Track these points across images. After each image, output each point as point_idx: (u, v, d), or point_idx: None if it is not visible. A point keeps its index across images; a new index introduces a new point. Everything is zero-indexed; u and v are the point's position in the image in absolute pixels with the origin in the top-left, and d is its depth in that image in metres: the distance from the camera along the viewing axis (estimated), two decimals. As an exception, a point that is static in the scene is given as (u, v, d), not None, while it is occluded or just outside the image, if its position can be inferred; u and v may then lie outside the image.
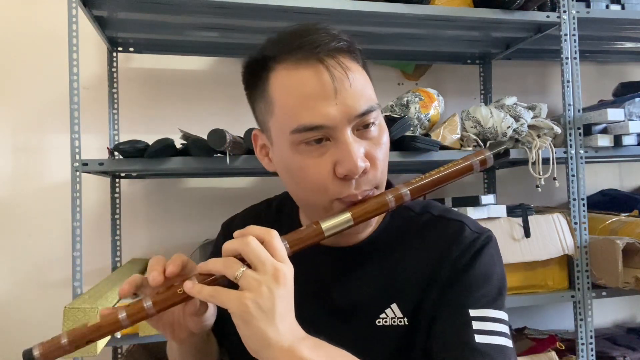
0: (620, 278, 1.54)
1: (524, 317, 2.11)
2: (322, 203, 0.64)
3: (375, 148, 0.64)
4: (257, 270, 0.55)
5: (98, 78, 1.84)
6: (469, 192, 2.06)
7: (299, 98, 0.61)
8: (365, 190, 0.63)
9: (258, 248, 0.56)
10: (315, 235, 0.62)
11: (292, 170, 0.65)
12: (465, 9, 1.62)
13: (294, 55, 0.61)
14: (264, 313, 0.53)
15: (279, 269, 0.55)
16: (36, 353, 0.57)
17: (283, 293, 0.55)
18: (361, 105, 0.61)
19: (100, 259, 1.79)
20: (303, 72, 0.61)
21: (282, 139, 0.64)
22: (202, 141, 1.37)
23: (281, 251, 0.57)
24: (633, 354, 1.82)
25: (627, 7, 1.76)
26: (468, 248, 0.67)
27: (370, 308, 0.68)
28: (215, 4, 1.44)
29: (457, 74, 2.20)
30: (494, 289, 0.66)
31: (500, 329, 0.63)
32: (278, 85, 0.63)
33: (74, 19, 1.34)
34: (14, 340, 1.75)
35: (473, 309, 0.64)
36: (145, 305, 0.58)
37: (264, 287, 0.54)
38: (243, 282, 0.54)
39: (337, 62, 0.61)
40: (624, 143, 1.69)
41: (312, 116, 0.60)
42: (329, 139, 0.62)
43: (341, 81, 0.61)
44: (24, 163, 1.80)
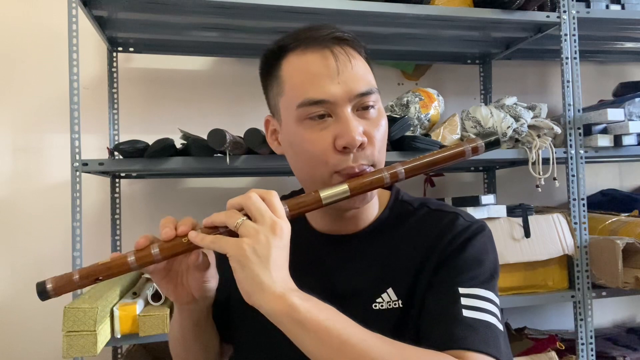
0: (620, 278, 1.54)
1: (524, 317, 2.11)
2: (322, 176, 0.68)
3: (373, 128, 0.69)
4: (257, 221, 0.59)
5: (98, 78, 1.84)
6: (469, 192, 2.06)
7: (306, 76, 0.67)
8: (362, 164, 0.67)
9: (259, 202, 0.60)
10: (314, 202, 0.66)
11: (297, 144, 0.69)
12: (465, 9, 1.62)
13: (304, 43, 0.69)
14: (260, 258, 0.57)
15: (276, 222, 0.59)
16: (49, 286, 0.62)
17: (279, 244, 0.59)
18: (361, 87, 0.67)
19: (100, 259, 1.78)
20: (311, 56, 0.68)
21: (290, 114, 0.69)
22: (202, 141, 1.37)
23: (280, 209, 0.62)
24: (633, 354, 1.82)
25: (627, 7, 1.76)
26: (460, 233, 0.70)
27: (368, 293, 0.71)
28: (215, 4, 1.44)
29: (457, 74, 2.20)
30: (485, 272, 0.68)
31: (489, 307, 0.65)
32: (289, 68, 0.69)
33: (74, 19, 1.34)
34: (14, 340, 1.75)
35: (463, 287, 0.66)
36: (153, 251, 0.63)
37: (261, 235, 0.58)
38: (242, 230, 0.59)
39: (342, 48, 0.68)
40: (624, 143, 1.69)
41: (316, 92, 0.66)
42: (330, 116, 0.67)
43: (344, 64, 0.67)
44: (24, 163, 1.80)
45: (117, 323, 1.32)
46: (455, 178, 2.19)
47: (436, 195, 2.09)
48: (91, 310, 1.20)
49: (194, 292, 0.70)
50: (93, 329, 1.19)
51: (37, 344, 1.74)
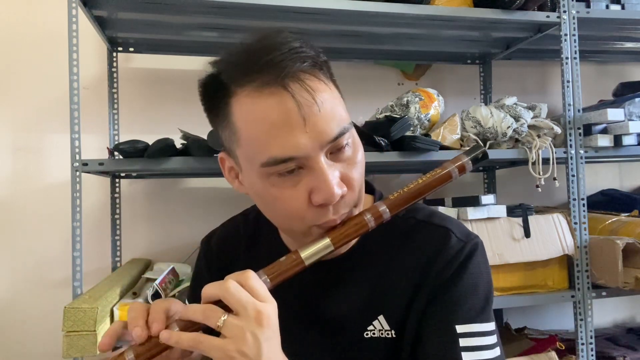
0: (620, 278, 1.54)
1: (524, 317, 2.11)
2: (299, 229, 0.63)
3: (350, 169, 0.61)
4: (239, 315, 0.54)
5: (98, 78, 1.84)
6: (469, 192, 2.05)
7: (266, 129, 0.57)
8: (343, 213, 0.62)
9: (238, 292, 0.54)
10: (295, 265, 0.60)
11: (266, 200, 0.63)
12: (465, 9, 1.62)
13: (255, 80, 0.57)
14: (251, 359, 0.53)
15: (261, 311, 0.54)
16: None
17: (268, 334, 0.54)
18: (333, 130, 0.58)
19: (100, 259, 1.79)
20: (267, 100, 0.57)
21: (252, 169, 0.61)
22: (202, 141, 1.37)
23: (261, 290, 0.56)
24: (633, 354, 1.82)
25: (627, 7, 1.76)
26: (454, 258, 0.66)
27: (358, 321, 0.68)
28: (215, 4, 1.44)
29: (457, 74, 2.20)
30: (480, 300, 0.66)
31: (488, 342, 0.64)
32: (241, 115, 0.59)
33: (74, 19, 1.34)
34: (14, 340, 1.75)
35: (460, 324, 0.63)
36: (127, 359, 0.57)
37: (247, 334, 0.53)
38: (226, 331, 0.53)
39: (302, 86, 0.57)
40: (624, 143, 1.69)
41: (282, 148, 0.57)
42: (301, 167, 0.59)
43: (309, 107, 0.57)
44: (24, 163, 1.80)
45: (117, 323, 1.32)
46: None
47: (436, 195, 2.09)
48: (91, 310, 1.20)
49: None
50: (93, 329, 1.19)
51: (37, 344, 1.74)
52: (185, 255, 1.82)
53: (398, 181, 2.11)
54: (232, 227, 0.85)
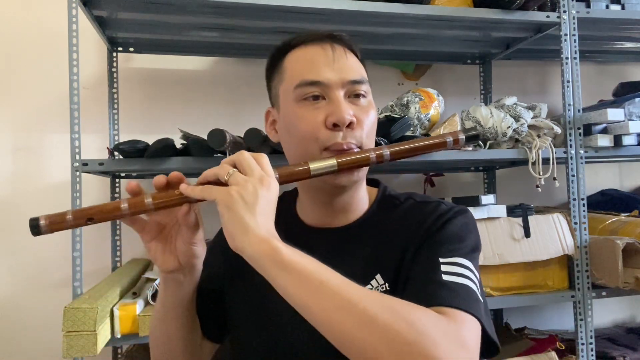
0: (620, 278, 1.54)
1: (524, 317, 2.11)
2: (312, 152, 0.72)
3: (362, 114, 0.73)
4: (246, 174, 0.63)
5: (98, 78, 1.84)
6: (469, 192, 2.06)
7: (305, 62, 0.74)
8: (350, 142, 0.71)
9: (250, 159, 0.64)
10: (303, 172, 0.69)
11: (291, 124, 0.74)
12: (465, 9, 1.62)
13: (307, 40, 0.76)
14: (246, 204, 0.59)
15: (265, 177, 0.63)
16: (42, 222, 0.64)
17: (266, 194, 0.61)
18: (354, 75, 0.74)
19: (100, 259, 1.79)
20: (311, 47, 0.75)
21: (287, 97, 0.75)
22: (202, 141, 1.37)
23: (270, 170, 0.65)
24: (633, 354, 1.82)
25: (627, 7, 1.76)
26: (440, 215, 0.73)
27: (358, 281, 0.71)
28: (215, 4, 1.44)
29: (457, 74, 2.20)
30: (466, 246, 0.70)
31: (469, 275, 0.66)
32: (291, 59, 0.76)
33: (74, 19, 1.34)
34: (14, 340, 1.75)
35: (443, 257, 0.68)
36: (146, 200, 0.65)
37: (249, 185, 0.61)
38: (232, 179, 0.62)
39: (340, 44, 0.76)
40: (624, 143, 1.69)
41: (313, 74, 0.72)
42: (324, 98, 0.72)
43: (340, 54, 0.74)
44: (24, 163, 1.80)
45: (117, 323, 1.32)
46: (455, 178, 2.19)
47: (436, 195, 2.10)
48: (91, 310, 1.20)
49: (181, 257, 0.71)
50: (93, 329, 1.19)
51: (37, 344, 1.74)
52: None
53: (398, 181, 2.11)
54: None
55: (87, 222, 0.64)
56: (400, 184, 2.11)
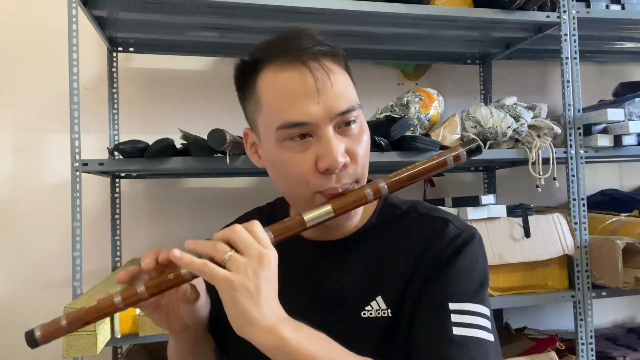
0: (620, 278, 1.54)
1: (524, 317, 2.11)
2: (304, 196, 0.68)
3: (355, 145, 0.67)
4: (244, 254, 0.59)
5: (98, 78, 1.84)
6: (469, 192, 2.06)
7: (284, 97, 0.65)
8: (345, 183, 0.67)
9: (244, 234, 0.60)
10: (298, 225, 0.65)
11: (278, 165, 0.69)
12: (465, 9, 1.62)
13: (280, 59, 0.66)
14: (250, 294, 0.57)
15: (263, 253, 0.59)
16: (37, 334, 0.63)
17: (267, 275, 0.59)
18: (342, 105, 0.65)
19: (100, 259, 1.79)
20: (288, 73, 0.65)
21: (269, 135, 0.68)
22: (202, 141, 1.37)
23: (264, 239, 0.61)
24: (633, 354, 1.82)
25: (627, 7, 1.76)
26: (450, 243, 0.69)
27: (356, 300, 0.71)
28: (215, 4, 1.44)
29: (457, 74, 2.20)
30: (475, 282, 0.68)
31: (480, 322, 0.65)
32: (265, 85, 0.67)
33: (74, 19, 1.34)
34: (14, 340, 1.75)
35: (452, 302, 0.65)
36: (139, 290, 0.62)
37: (249, 270, 0.58)
38: (231, 265, 0.58)
39: (319, 64, 0.65)
40: (624, 143, 1.69)
41: (296, 113, 0.64)
42: (311, 136, 0.65)
43: (323, 82, 0.65)
44: (24, 163, 1.80)
45: (117, 323, 1.32)
46: (455, 178, 2.19)
47: (436, 195, 2.09)
48: (91, 310, 1.20)
49: (186, 320, 0.70)
50: (93, 329, 1.19)
51: (37, 344, 1.74)
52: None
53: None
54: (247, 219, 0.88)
55: (83, 325, 0.64)
56: (400, 184, 2.11)
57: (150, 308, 0.68)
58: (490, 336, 0.65)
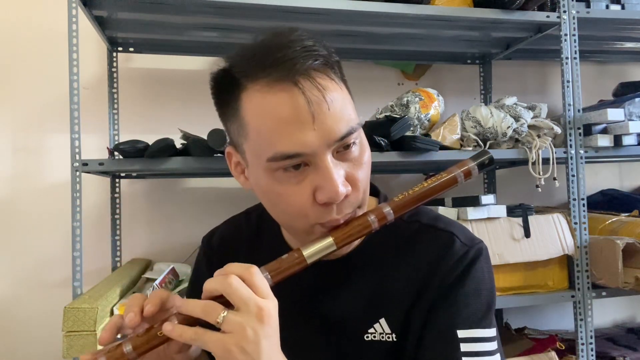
0: (620, 278, 1.54)
1: (524, 317, 2.11)
2: (302, 227, 0.63)
3: (356, 169, 0.61)
4: (240, 311, 0.53)
5: (98, 78, 1.84)
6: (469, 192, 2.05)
7: (274, 124, 0.57)
8: (347, 213, 0.61)
9: (240, 287, 0.54)
10: (298, 263, 0.60)
11: (271, 196, 0.63)
12: (465, 9, 1.62)
13: (267, 75, 0.57)
14: (250, 356, 0.52)
15: (262, 308, 0.53)
16: None
17: (268, 332, 0.53)
18: (341, 129, 0.58)
19: (100, 259, 1.79)
20: (277, 96, 0.57)
21: (258, 164, 0.61)
22: (202, 141, 1.37)
23: (263, 287, 0.55)
24: (633, 354, 1.82)
25: (627, 7, 1.76)
26: (457, 263, 0.65)
27: (359, 323, 0.67)
28: (215, 4, 1.44)
29: (457, 74, 2.20)
30: (482, 306, 0.65)
31: (489, 347, 0.63)
32: (251, 108, 0.59)
33: (74, 19, 1.34)
34: (14, 340, 1.75)
35: (461, 329, 0.63)
36: (125, 350, 0.57)
37: (248, 330, 0.52)
38: (226, 326, 0.53)
39: (313, 83, 0.57)
40: (624, 143, 1.69)
41: (289, 144, 0.57)
42: (307, 164, 0.59)
43: (318, 105, 0.57)
44: (24, 163, 1.80)
45: (117, 323, 1.32)
46: (455, 178, 2.18)
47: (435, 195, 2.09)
48: (91, 310, 1.20)
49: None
50: (93, 329, 1.19)
51: (37, 344, 1.74)
52: (185, 255, 1.82)
53: (398, 181, 2.11)
54: (234, 226, 0.85)
55: None
56: (400, 184, 2.11)
57: None
58: (498, 357, 0.64)
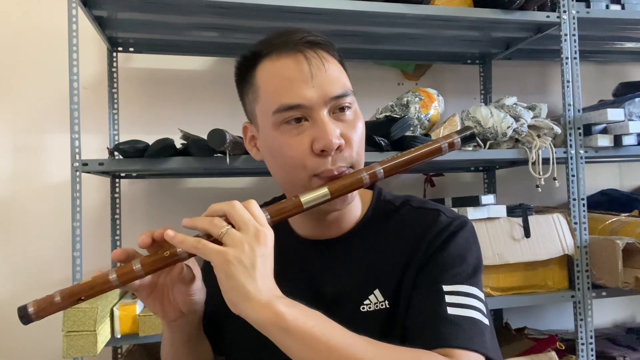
0: (620, 278, 1.54)
1: (524, 317, 2.11)
2: (301, 180, 0.69)
3: (350, 130, 0.69)
4: (240, 230, 0.59)
5: (98, 78, 1.84)
6: (469, 192, 2.06)
7: (280, 81, 0.67)
8: (340, 166, 0.68)
9: (242, 210, 0.60)
10: (294, 207, 0.66)
11: (275, 150, 0.70)
12: (465, 9, 1.62)
13: (277, 50, 0.69)
14: (245, 268, 0.57)
15: (260, 230, 0.59)
16: (30, 309, 0.64)
17: (263, 252, 0.59)
18: (336, 89, 0.68)
19: (100, 259, 1.79)
20: (284, 61, 0.68)
21: (266, 121, 0.69)
22: (202, 141, 1.37)
23: (262, 217, 0.62)
24: (633, 354, 1.82)
25: (627, 7, 1.76)
26: (442, 230, 0.71)
27: (355, 296, 0.72)
28: (215, 4, 1.44)
29: (457, 74, 2.20)
30: (468, 267, 0.69)
31: (474, 303, 0.66)
32: (263, 74, 0.70)
33: (74, 19, 1.34)
34: (14, 340, 1.75)
35: (447, 284, 0.67)
36: (134, 267, 0.62)
37: (246, 245, 0.58)
38: (227, 239, 0.58)
39: (314, 52, 0.68)
40: (624, 143, 1.69)
41: (291, 97, 0.66)
42: (307, 119, 0.67)
43: (317, 67, 0.67)
44: (24, 163, 1.80)
45: (117, 323, 1.32)
46: (455, 178, 2.19)
47: (436, 195, 2.09)
48: (91, 310, 1.20)
49: (181, 307, 0.70)
50: (93, 329, 1.20)
51: (37, 344, 1.74)
52: (185, 255, 1.82)
53: (398, 181, 2.11)
54: None
55: (77, 302, 0.64)
56: (400, 184, 2.11)
57: (145, 292, 0.68)
58: (485, 320, 0.66)
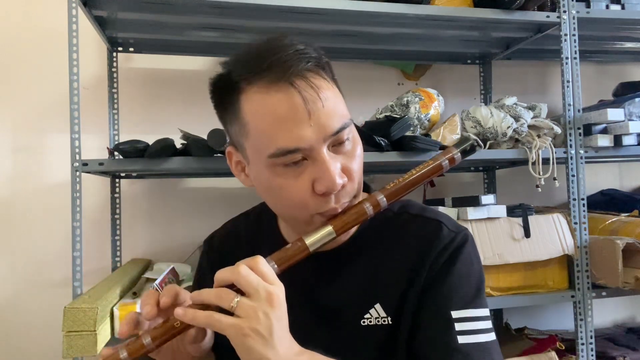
0: (620, 278, 1.54)
1: (524, 317, 2.11)
2: (303, 218, 0.67)
3: (350, 161, 0.66)
4: (251, 297, 0.57)
5: (98, 78, 1.84)
6: (469, 192, 2.06)
7: (274, 122, 0.62)
8: (344, 202, 0.66)
9: (249, 275, 0.58)
10: (301, 251, 0.64)
11: (272, 190, 0.67)
12: (465, 9, 1.62)
13: (264, 78, 0.62)
14: (263, 338, 0.56)
15: (272, 292, 0.58)
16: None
17: (279, 314, 0.58)
18: (335, 124, 0.63)
19: (100, 259, 1.79)
20: (275, 96, 0.62)
21: (259, 160, 0.65)
22: (202, 141, 1.37)
23: (270, 274, 0.60)
24: (633, 354, 1.82)
25: (627, 7, 1.76)
26: (445, 248, 0.70)
27: (355, 309, 0.71)
28: (215, 4, 1.44)
29: (457, 74, 2.20)
30: (472, 288, 0.69)
31: (482, 326, 0.67)
32: (251, 109, 0.64)
33: (74, 19, 1.34)
34: (14, 340, 1.75)
35: (454, 310, 0.67)
36: (145, 342, 0.60)
37: (260, 313, 0.56)
38: (239, 311, 0.57)
39: (307, 83, 0.62)
40: (624, 143, 1.69)
41: (288, 140, 0.61)
42: (306, 159, 0.63)
43: (314, 102, 0.62)
44: (24, 163, 1.80)
45: (117, 323, 1.32)
46: (455, 178, 2.19)
47: (436, 195, 2.09)
48: (91, 310, 1.20)
49: (193, 354, 0.69)
50: (93, 329, 1.19)
51: (37, 344, 1.74)
52: (185, 255, 1.82)
53: (398, 181, 2.11)
54: (233, 227, 0.88)
55: None
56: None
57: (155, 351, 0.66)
58: (492, 336, 0.67)
